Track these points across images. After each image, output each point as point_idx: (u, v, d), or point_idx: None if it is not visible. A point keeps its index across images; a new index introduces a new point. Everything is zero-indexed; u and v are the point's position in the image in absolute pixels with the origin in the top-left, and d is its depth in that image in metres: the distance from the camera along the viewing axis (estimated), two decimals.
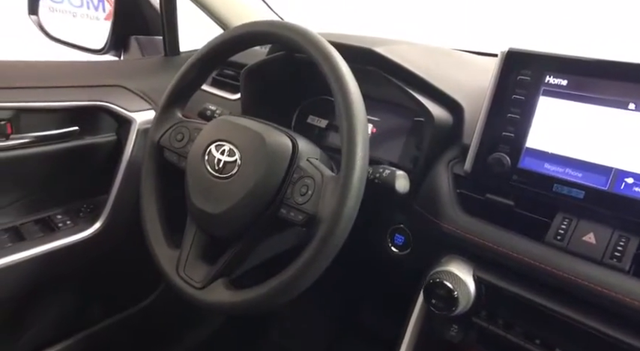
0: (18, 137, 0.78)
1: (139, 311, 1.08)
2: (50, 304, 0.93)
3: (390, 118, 0.80)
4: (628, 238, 0.49)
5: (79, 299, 0.99)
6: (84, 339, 0.98)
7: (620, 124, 0.49)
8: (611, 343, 0.48)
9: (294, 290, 0.54)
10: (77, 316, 0.99)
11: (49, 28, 1.10)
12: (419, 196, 0.64)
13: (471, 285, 0.55)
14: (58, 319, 0.95)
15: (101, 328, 1.01)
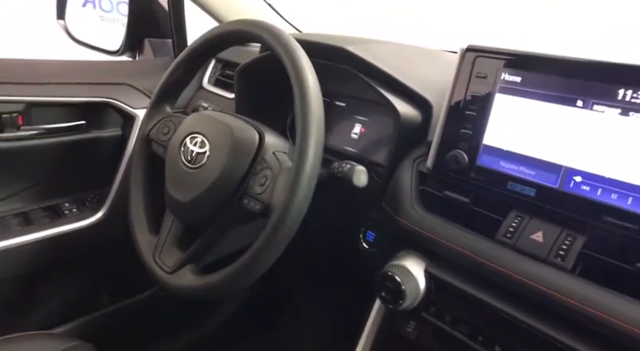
0: (28, 129, 0.85)
1: (143, 300, 1.13)
2: (57, 287, 1.00)
3: (379, 118, 0.81)
4: (575, 236, 0.48)
5: (86, 284, 1.05)
6: (89, 322, 1.04)
7: (568, 121, 0.49)
8: (548, 342, 0.47)
9: (247, 278, 0.56)
10: (83, 300, 1.06)
11: (73, 32, 1.18)
12: (386, 193, 0.65)
13: (421, 280, 0.56)
14: (65, 301, 1.02)
15: (105, 313, 1.07)
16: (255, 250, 0.55)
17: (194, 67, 0.75)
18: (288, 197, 0.53)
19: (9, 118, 0.82)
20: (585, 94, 0.47)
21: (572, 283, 0.46)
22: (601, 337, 0.44)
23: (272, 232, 0.54)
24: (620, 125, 0.45)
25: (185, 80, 0.76)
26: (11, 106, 0.82)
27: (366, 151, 0.78)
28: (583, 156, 0.48)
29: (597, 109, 0.47)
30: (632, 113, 0.45)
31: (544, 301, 0.47)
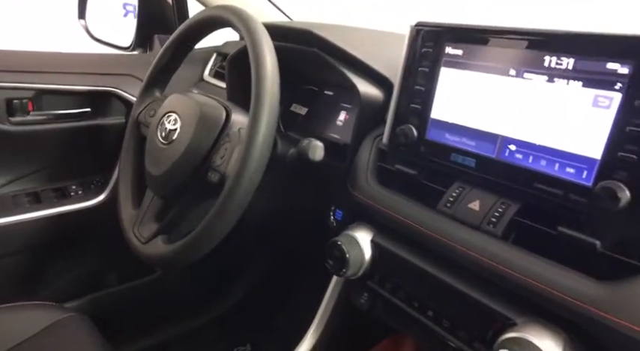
0: (37, 114, 0.93)
1: (147, 283, 1.19)
2: (65, 264, 1.07)
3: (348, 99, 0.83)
4: (508, 204, 0.49)
5: (93, 264, 1.13)
6: (95, 300, 1.11)
7: (503, 91, 0.49)
8: (477, 307, 0.47)
9: (205, 244, 0.60)
10: (90, 278, 1.13)
11: (92, 30, 1.28)
12: (349, 171, 0.67)
13: (367, 250, 0.57)
14: (73, 278, 1.10)
15: (110, 293, 1.14)
16: (210, 218, 0.58)
17: (180, 53, 0.80)
18: (239, 168, 0.56)
19: (19, 103, 0.90)
20: (517, 63, 0.48)
21: (499, 248, 0.46)
22: (525, 300, 0.44)
23: (224, 200, 0.57)
24: (546, 92, 0.46)
25: (173, 66, 0.81)
26: (22, 92, 0.90)
27: (346, 136, 0.81)
28: (516, 124, 0.48)
29: (527, 77, 0.47)
30: (556, 79, 0.45)
31: (474, 267, 0.48)
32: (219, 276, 1.28)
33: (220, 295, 1.32)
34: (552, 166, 0.45)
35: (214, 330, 1.30)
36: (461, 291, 0.48)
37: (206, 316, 1.30)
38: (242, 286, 1.33)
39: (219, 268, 1.28)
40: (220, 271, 1.28)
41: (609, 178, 0.41)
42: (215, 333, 1.30)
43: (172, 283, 1.24)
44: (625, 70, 0.40)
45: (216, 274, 1.28)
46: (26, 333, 0.76)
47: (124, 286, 1.17)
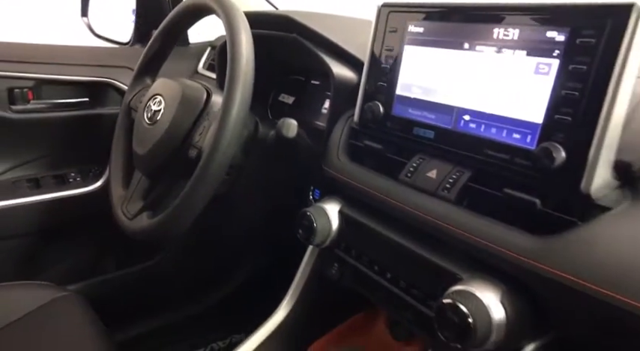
0: (37, 103, 0.98)
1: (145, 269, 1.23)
2: (65, 248, 1.12)
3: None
4: (462, 171, 0.51)
5: (91, 249, 1.17)
6: (95, 284, 1.15)
7: (459, 64, 0.52)
8: (432, 268, 0.49)
9: (184, 217, 0.63)
10: (89, 263, 1.18)
11: (94, 28, 1.33)
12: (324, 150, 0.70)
13: (335, 219, 0.60)
14: (73, 262, 1.14)
15: (110, 278, 1.18)
16: (187, 190, 0.61)
17: (168, 41, 0.84)
18: (213, 142, 0.60)
19: (20, 92, 0.95)
20: (469, 36, 0.50)
21: (450, 211, 0.49)
22: (471, 257, 0.47)
23: (200, 172, 0.60)
24: (495, 62, 0.48)
25: (162, 54, 0.85)
26: (22, 81, 0.95)
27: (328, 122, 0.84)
28: (470, 95, 0.51)
29: (479, 50, 0.50)
30: (504, 50, 0.47)
31: (428, 229, 0.50)
32: (215, 265, 1.31)
33: (216, 284, 1.35)
34: (501, 132, 0.48)
35: (210, 318, 1.32)
36: (415, 252, 0.51)
37: (202, 304, 1.32)
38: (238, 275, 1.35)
39: (215, 258, 1.31)
40: (216, 261, 1.31)
41: (548, 140, 0.43)
42: (211, 321, 1.32)
43: (169, 271, 1.27)
44: (561, 38, 0.43)
45: (212, 263, 1.31)
46: (22, 310, 0.80)
47: (121, 271, 1.21)
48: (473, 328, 0.41)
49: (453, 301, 0.42)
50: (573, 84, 0.42)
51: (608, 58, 0.39)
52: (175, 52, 1.22)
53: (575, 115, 0.42)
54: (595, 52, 0.40)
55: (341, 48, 0.71)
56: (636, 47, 0.38)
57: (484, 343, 0.42)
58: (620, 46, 0.39)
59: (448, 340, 0.42)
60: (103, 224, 1.12)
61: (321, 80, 0.93)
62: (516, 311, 0.43)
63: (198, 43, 1.25)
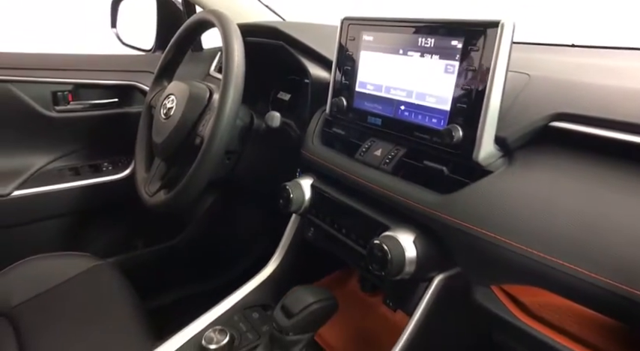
0: (76, 104, 1.18)
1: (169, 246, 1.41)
2: (101, 226, 1.31)
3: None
4: (399, 149, 0.66)
5: (122, 228, 1.36)
6: (128, 258, 1.33)
7: (395, 65, 0.66)
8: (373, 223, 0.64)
9: (190, 191, 0.79)
10: (122, 240, 1.37)
11: (122, 37, 1.52)
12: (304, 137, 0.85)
13: (308, 191, 0.75)
14: (108, 239, 1.34)
15: (138, 254, 1.37)
16: (192, 170, 0.78)
17: (181, 50, 1.01)
18: (212, 130, 0.76)
19: (62, 95, 1.14)
20: (403, 44, 0.65)
21: (385, 179, 0.64)
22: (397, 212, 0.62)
23: (201, 155, 0.77)
24: (420, 64, 0.62)
25: (176, 60, 1.03)
26: (63, 86, 1.14)
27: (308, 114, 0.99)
28: (404, 90, 0.65)
29: (409, 54, 0.64)
30: (425, 54, 0.62)
31: (370, 194, 0.65)
32: (228, 245, 1.48)
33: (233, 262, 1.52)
34: (424, 119, 0.62)
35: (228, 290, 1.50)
36: (361, 211, 0.66)
37: (219, 280, 1.50)
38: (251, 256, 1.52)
39: (227, 238, 1.48)
40: (230, 240, 1.48)
41: (453, 123, 0.57)
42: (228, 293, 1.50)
43: (189, 250, 1.45)
44: (460, 45, 0.57)
45: (226, 242, 1.48)
46: (65, 276, 0.96)
47: (149, 248, 1.39)
48: (390, 261, 0.55)
49: (380, 242, 0.57)
50: (467, 80, 0.56)
51: (487, 60, 0.53)
52: (191, 57, 1.40)
53: (469, 104, 0.56)
54: (480, 56, 0.54)
55: (317, 52, 0.86)
56: (503, 51, 0.52)
57: (400, 272, 0.56)
58: (493, 51, 0.53)
59: (374, 270, 0.57)
60: (131, 207, 1.31)
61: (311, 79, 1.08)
62: (425, 250, 0.57)
63: (210, 49, 1.42)
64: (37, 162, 1.16)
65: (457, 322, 0.60)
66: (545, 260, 0.48)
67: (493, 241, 0.52)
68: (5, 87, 1.06)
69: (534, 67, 0.63)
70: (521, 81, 0.59)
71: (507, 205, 0.52)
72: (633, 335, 0.49)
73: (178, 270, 1.41)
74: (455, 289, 0.58)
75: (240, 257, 1.49)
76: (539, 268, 0.49)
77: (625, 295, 0.43)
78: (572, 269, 0.46)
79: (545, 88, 0.57)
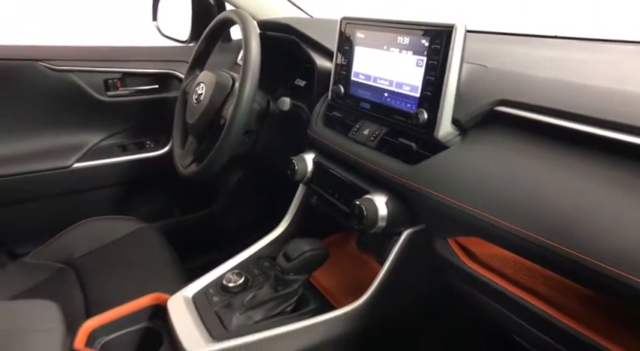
0: (124, 89, 1.37)
1: (203, 214, 1.60)
2: (145, 196, 1.52)
3: None
4: (382, 129, 0.79)
5: (164, 197, 1.57)
6: (168, 223, 1.52)
7: (381, 59, 0.79)
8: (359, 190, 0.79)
9: (215, 164, 0.96)
10: (162, 208, 1.57)
11: (162, 29, 1.70)
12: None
13: (310, 164, 0.91)
14: (151, 207, 1.54)
15: (177, 220, 1.57)
16: (215, 147, 0.95)
17: (211, 43, 1.17)
18: (233, 112, 0.92)
19: (112, 82, 1.34)
20: (386, 42, 0.78)
21: (369, 153, 0.78)
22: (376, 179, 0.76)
23: (224, 134, 0.93)
24: (398, 59, 0.75)
25: (207, 52, 1.19)
26: (113, 74, 1.34)
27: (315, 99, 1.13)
28: (387, 80, 0.78)
29: (391, 50, 0.77)
30: (403, 51, 0.74)
31: (357, 165, 0.80)
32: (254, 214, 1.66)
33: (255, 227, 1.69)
34: (401, 104, 0.75)
35: None
36: (349, 179, 0.81)
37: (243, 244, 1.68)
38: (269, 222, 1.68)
39: (253, 209, 1.65)
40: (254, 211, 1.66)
41: (420, 107, 0.71)
42: None
43: (220, 217, 1.63)
44: (426, 43, 0.69)
45: (252, 212, 1.66)
46: (112, 237, 1.16)
47: (186, 216, 1.59)
48: (366, 218, 0.70)
49: (359, 203, 0.72)
50: (431, 72, 0.69)
51: (445, 56, 0.66)
52: (221, 47, 1.56)
53: (432, 91, 0.69)
54: (440, 52, 0.67)
55: (323, 46, 1.00)
56: (457, 49, 0.65)
57: (374, 226, 0.71)
58: (449, 49, 0.65)
59: (355, 225, 0.72)
60: (170, 179, 1.51)
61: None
62: (395, 209, 0.71)
63: (238, 40, 1.58)
64: (92, 139, 1.37)
65: (421, 267, 0.74)
66: (485, 217, 0.61)
67: (447, 203, 0.65)
68: (67, 76, 1.27)
69: (496, 59, 0.75)
70: (479, 71, 0.71)
71: (459, 173, 0.65)
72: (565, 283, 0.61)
73: (210, 235, 1.60)
74: (419, 241, 0.72)
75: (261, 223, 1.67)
76: (481, 224, 0.61)
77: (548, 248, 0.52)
78: (505, 225, 0.58)
79: (497, 78, 0.69)
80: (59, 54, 1.28)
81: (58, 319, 0.61)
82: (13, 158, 1.26)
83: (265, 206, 1.57)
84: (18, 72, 1.22)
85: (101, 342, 0.76)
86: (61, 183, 1.31)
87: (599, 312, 0.55)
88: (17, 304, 0.72)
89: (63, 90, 1.28)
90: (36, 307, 0.64)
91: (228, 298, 0.79)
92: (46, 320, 0.61)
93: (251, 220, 1.63)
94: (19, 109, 1.25)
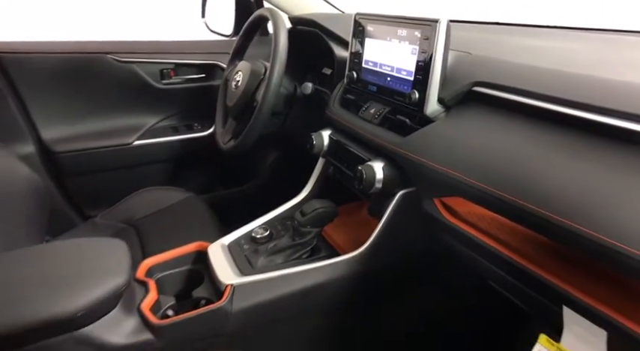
0: (176, 78, 1.58)
1: (243, 189, 1.80)
2: (193, 171, 1.74)
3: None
4: (385, 108, 0.94)
5: (209, 173, 1.78)
6: (213, 196, 1.73)
7: (384, 49, 0.93)
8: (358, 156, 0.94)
9: (248, 138, 1.14)
10: (208, 182, 1.79)
11: (210, 25, 1.91)
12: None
13: (326, 139, 1.07)
14: (198, 181, 1.76)
15: (220, 194, 1.78)
16: (248, 126, 1.13)
17: (248, 37, 1.35)
18: (263, 94, 1.09)
19: (166, 72, 1.55)
20: (389, 34, 0.92)
21: (373, 129, 0.93)
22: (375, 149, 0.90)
23: (255, 115, 1.11)
24: (398, 48, 0.89)
25: (245, 45, 1.37)
26: (167, 65, 1.55)
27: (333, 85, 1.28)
28: (390, 66, 0.93)
29: (392, 41, 0.91)
30: (401, 41, 0.88)
31: (363, 139, 0.95)
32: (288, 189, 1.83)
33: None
34: (400, 86, 0.89)
35: None
36: (357, 149, 0.96)
37: None
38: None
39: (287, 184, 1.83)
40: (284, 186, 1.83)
41: (413, 89, 0.85)
42: None
43: (258, 191, 1.82)
44: (419, 35, 0.83)
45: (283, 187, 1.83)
46: (166, 204, 1.38)
47: (228, 190, 1.80)
48: (365, 180, 0.85)
49: (361, 168, 0.87)
50: (422, 59, 0.83)
51: (432, 45, 0.79)
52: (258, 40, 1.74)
53: (422, 75, 0.82)
54: (428, 43, 0.80)
55: (341, 38, 1.15)
56: (441, 39, 0.78)
57: (372, 187, 0.86)
58: (435, 39, 0.79)
59: (356, 186, 0.87)
60: (214, 158, 1.72)
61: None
62: (389, 173, 0.86)
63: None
64: (149, 121, 1.60)
65: (412, 223, 0.88)
66: (464, 180, 0.73)
67: (432, 168, 0.79)
68: (130, 66, 1.50)
69: (482, 47, 0.87)
70: (463, 58, 0.84)
71: (442, 142, 0.79)
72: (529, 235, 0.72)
73: (246, 208, 1.80)
74: (410, 201, 0.86)
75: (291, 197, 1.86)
76: (460, 186, 0.74)
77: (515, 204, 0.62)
78: (480, 185, 0.70)
79: (477, 63, 0.82)
80: (124, 48, 1.51)
81: (125, 252, 0.80)
82: (86, 136, 1.51)
83: (295, 183, 1.74)
84: (91, 63, 1.46)
85: (156, 277, 0.96)
86: (124, 157, 1.55)
87: (556, 258, 0.66)
88: (91, 241, 0.92)
89: (126, 79, 1.51)
90: (107, 243, 0.84)
91: (256, 246, 0.97)
92: (115, 252, 0.80)
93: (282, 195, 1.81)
94: (91, 94, 1.50)
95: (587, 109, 0.62)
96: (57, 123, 1.45)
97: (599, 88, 0.64)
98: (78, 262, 0.77)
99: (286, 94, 1.22)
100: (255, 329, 0.87)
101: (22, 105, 1.40)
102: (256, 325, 0.87)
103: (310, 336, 0.93)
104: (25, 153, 1.38)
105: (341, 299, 0.91)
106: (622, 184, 0.54)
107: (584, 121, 0.62)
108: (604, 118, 0.59)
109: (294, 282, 0.87)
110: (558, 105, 0.66)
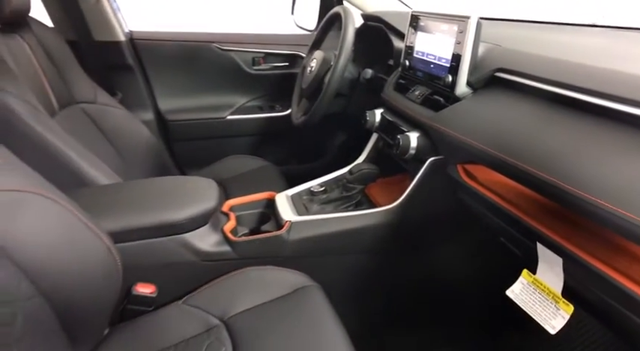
0: (265, 65, 1.88)
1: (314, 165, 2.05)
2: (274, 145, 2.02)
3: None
4: (427, 90, 1.12)
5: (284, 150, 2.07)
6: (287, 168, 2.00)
7: (430, 40, 1.11)
8: (401, 129, 1.13)
9: (316, 115, 1.38)
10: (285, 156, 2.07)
11: (297, 21, 2.19)
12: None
13: (378, 116, 1.27)
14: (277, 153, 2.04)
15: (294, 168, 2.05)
16: (315, 104, 1.36)
17: (325, 32, 1.59)
18: (329, 79, 1.33)
19: (257, 59, 1.85)
20: (434, 28, 1.09)
21: (415, 107, 1.12)
22: (413, 123, 1.09)
23: (321, 95, 1.34)
24: (440, 39, 1.07)
25: (322, 38, 1.62)
26: (258, 54, 1.85)
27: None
28: (433, 55, 1.10)
29: (437, 35, 1.09)
30: (444, 34, 1.06)
31: (406, 115, 1.14)
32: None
33: None
34: (439, 72, 1.07)
35: None
36: (400, 124, 1.15)
37: None
38: None
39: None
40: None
41: (448, 74, 1.02)
42: None
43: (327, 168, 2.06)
44: (456, 29, 1.00)
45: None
46: (251, 168, 1.69)
47: (302, 165, 2.07)
48: (401, 146, 1.05)
49: (399, 137, 1.07)
50: (457, 48, 1.00)
51: (463, 37, 0.97)
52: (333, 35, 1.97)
53: (456, 62, 1.00)
54: (462, 35, 0.98)
55: (400, 31, 1.34)
56: (471, 33, 0.95)
57: (406, 153, 1.05)
58: (466, 32, 0.96)
59: (394, 151, 1.07)
60: (292, 136, 1.99)
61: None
62: (422, 143, 1.05)
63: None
64: (240, 100, 1.92)
65: (438, 185, 1.05)
66: (484, 149, 0.88)
67: (457, 138, 0.97)
68: (229, 54, 1.82)
69: (512, 41, 1.02)
70: (494, 49, 1.00)
71: (466, 117, 0.96)
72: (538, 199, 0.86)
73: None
74: (438, 166, 1.04)
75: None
76: (479, 154, 0.90)
77: (529, 173, 0.73)
78: (498, 155, 0.84)
79: (503, 53, 0.97)
80: (225, 38, 1.83)
81: (214, 187, 1.08)
82: (190, 109, 1.86)
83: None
84: (199, 50, 1.81)
85: (235, 214, 1.24)
86: (218, 129, 1.89)
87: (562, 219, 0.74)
88: (192, 178, 1.21)
89: (225, 64, 1.84)
90: (202, 180, 1.13)
91: (312, 197, 1.22)
92: (208, 186, 1.09)
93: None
94: (197, 75, 1.85)
95: (591, 94, 0.70)
96: (171, 96, 1.82)
97: (604, 76, 0.73)
98: (182, 189, 1.07)
99: (351, 78, 1.44)
100: (306, 258, 1.12)
101: (147, 81, 1.78)
102: (307, 254, 1.11)
103: (349, 270, 1.15)
104: (146, 119, 1.76)
105: (375, 244, 1.12)
106: (619, 158, 0.62)
107: (590, 105, 0.70)
108: (610, 103, 0.67)
109: (338, 224, 1.10)
110: (567, 90, 0.78)
